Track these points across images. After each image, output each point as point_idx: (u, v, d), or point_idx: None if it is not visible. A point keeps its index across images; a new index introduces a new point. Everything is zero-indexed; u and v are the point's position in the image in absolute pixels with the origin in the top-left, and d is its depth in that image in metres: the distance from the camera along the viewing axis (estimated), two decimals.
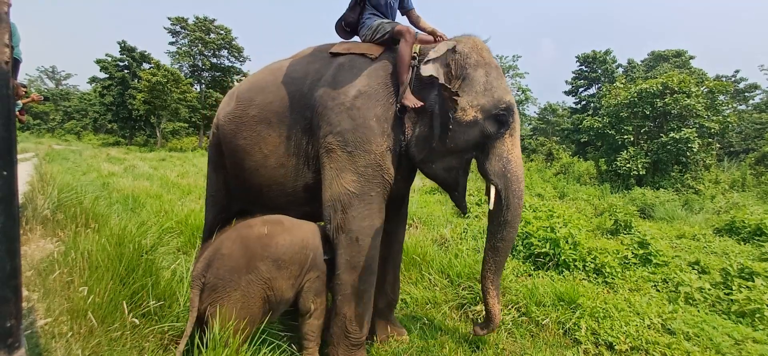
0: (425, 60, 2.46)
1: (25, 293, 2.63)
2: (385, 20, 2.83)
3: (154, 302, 2.63)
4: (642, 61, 30.31)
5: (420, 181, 10.15)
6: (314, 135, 2.69)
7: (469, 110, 2.52)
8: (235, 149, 2.95)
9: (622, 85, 15.89)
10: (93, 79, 37.58)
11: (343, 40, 3.00)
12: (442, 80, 2.40)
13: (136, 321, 2.44)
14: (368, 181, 2.56)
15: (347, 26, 2.94)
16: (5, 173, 0.76)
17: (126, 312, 2.41)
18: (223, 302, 2.27)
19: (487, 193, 2.68)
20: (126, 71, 34.74)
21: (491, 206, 2.64)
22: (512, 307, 3.43)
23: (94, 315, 2.33)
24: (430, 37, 2.81)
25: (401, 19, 3.06)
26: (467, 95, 2.54)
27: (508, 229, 2.64)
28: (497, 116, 2.53)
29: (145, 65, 34.93)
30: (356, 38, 3.00)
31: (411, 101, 2.53)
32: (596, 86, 29.04)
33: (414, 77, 2.61)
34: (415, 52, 2.65)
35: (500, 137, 2.58)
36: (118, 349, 2.29)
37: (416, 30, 2.87)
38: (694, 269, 4.60)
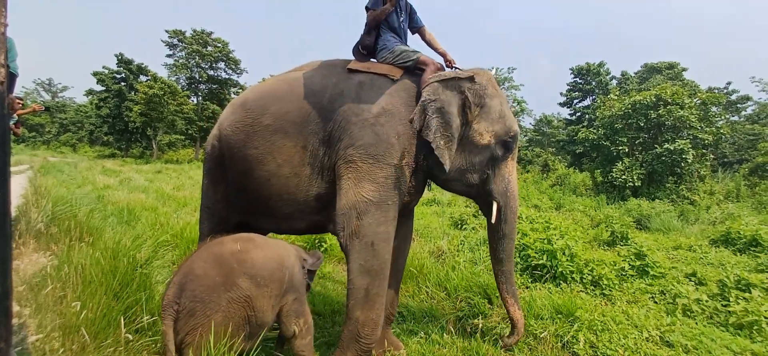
0: (427, 81, 2.76)
1: (16, 308, 2.59)
2: (409, 48, 3.03)
3: (147, 317, 2.59)
4: (635, 73, 30.59)
5: None
6: (332, 146, 2.79)
7: (486, 134, 2.84)
8: (243, 159, 2.94)
9: (616, 97, 16.01)
10: (89, 92, 37.46)
11: (358, 61, 3.10)
12: (454, 106, 2.76)
13: (130, 336, 2.40)
14: (386, 190, 2.71)
15: (364, 49, 3.08)
16: None
17: (122, 327, 2.36)
18: (203, 327, 2.07)
19: (487, 208, 3.05)
20: (123, 84, 34.69)
21: (493, 220, 2.99)
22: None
23: (87, 330, 2.30)
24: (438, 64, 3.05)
25: (411, 38, 3.29)
26: (485, 121, 2.85)
27: (508, 241, 3.06)
28: (505, 142, 2.89)
29: (142, 78, 34.91)
30: (371, 59, 3.14)
31: None
32: (591, 98, 29.30)
33: None
34: None
35: (504, 160, 2.95)
36: None
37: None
38: (691, 280, 4.60)
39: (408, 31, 3.24)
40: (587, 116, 27.80)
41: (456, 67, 3.09)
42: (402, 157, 2.76)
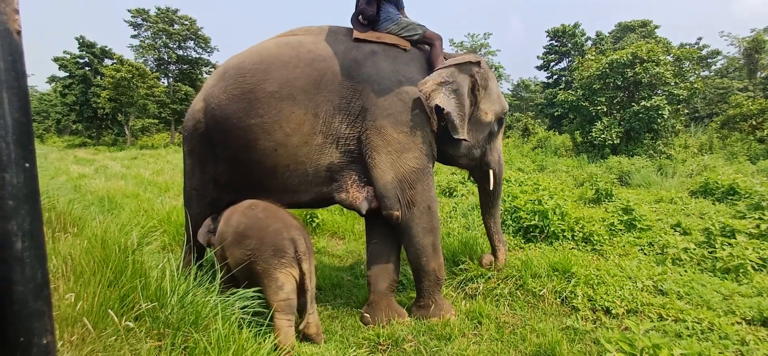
0: (445, 64, 2.93)
1: None
2: (415, 22, 3.11)
3: (146, 303, 2.52)
4: (610, 33, 30.82)
5: None
6: (352, 115, 2.81)
7: (489, 113, 3.18)
8: (244, 129, 2.80)
9: (593, 58, 16.12)
10: (52, 78, 35.66)
11: (359, 30, 3.08)
12: (466, 88, 2.97)
13: (131, 324, 2.33)
14: (426, 156, 2.92)
15: (365, 19, 3.05)
16: (27, 164, 0.63)
17: (116, 317, 2.29)
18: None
19: (484, 178, 3.44)
20: (87, 68, 33.05)
21: (492, 187, 3.40)
22: (509, 280, 3.45)
23: (86, 321, 2.21)
24: None
25: None
26: (488, 101, 3.17)
27: (499, 198, 3.59)
28: (500, 119, 3.32)
29: (108, 61, 33.32)
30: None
31: None
32: (567, 60, 29.47)
33: None
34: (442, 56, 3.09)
35: (498, 134, 3.37)
36: (114, 355, 2.19)
37: None
38: (676, 231, 4.73)
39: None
40: (564, 78, 28.02)
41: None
42: (430, 122, 2.90)
